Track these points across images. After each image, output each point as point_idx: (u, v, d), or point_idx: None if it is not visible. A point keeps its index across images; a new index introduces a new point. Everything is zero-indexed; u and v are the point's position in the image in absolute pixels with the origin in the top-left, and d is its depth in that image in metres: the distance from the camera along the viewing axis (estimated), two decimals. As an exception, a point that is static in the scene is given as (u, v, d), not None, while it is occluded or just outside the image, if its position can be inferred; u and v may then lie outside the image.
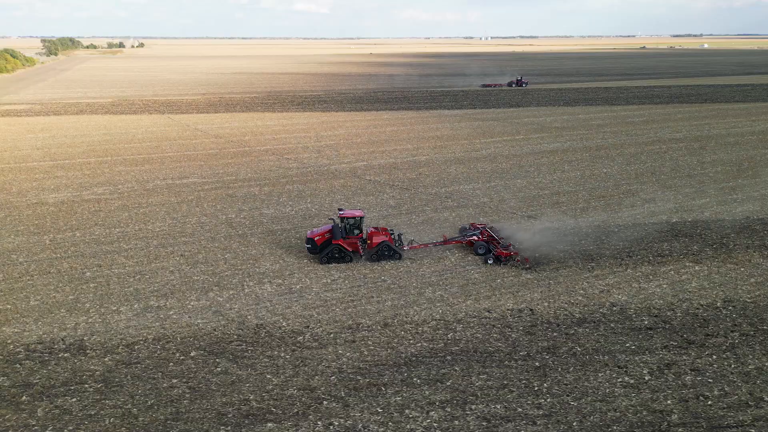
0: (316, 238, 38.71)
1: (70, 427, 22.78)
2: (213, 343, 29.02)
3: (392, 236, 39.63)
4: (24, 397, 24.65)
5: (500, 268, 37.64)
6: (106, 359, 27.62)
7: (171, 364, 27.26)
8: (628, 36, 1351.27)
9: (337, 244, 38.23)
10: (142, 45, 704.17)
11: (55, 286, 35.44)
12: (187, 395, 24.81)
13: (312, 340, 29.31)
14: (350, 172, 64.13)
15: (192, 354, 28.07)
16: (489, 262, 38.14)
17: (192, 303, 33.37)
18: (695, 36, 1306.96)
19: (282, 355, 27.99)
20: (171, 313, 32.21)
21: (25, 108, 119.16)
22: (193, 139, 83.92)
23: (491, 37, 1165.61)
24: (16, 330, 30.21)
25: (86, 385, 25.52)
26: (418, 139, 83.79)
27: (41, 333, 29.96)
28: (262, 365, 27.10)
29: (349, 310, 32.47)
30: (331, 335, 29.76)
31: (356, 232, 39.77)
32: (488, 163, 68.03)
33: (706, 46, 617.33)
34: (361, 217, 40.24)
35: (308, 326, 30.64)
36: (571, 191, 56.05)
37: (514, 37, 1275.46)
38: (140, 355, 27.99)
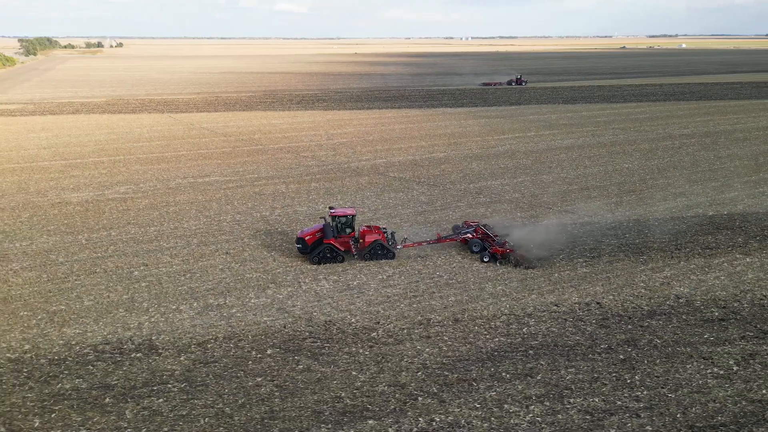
0: (306, 238, 37.55)
1: (165, 429, 22.07)
2: (287, 341, 28.38)
3: (385, 235, 38.56)
4: (107, 399, 23.85)
5: (556, 264, 37.39)
6: (181, 358, 26.85)
7: (250, 362, 26.58)
8: (606, 36, 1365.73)
9: (329, 244, 37.14)
10: (120, 45, 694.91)
11: (105, 285, 34.49)
12: (277, 393, 24.18)
13: (386, 336, 28.80)
14: (372, 169, 63.61)
15: (269, 352, 27.42)
16: (485, 260, 37.38)
17: (252, 301, 32.67)
18: (671, 36, 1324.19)
19: (361, 351, 27.45)
20: (234, 311, 31.48)
21: (18, 108, 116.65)
22: (202, 137, 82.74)
23: (472, 38, 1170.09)
24: (77, 331, 29.30)
25: (169, 385, 24.77)
26: (430, 136, 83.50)
27: (105, 333, 29.08)
28: (343, 362, 26.53)
29: (414, 305, 32.00)
30: (404, 331, 29.27)
31: (348, 230, 38.66)
32: (508, 160, 67.93)
33: (684, 46, 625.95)
34: (353, 216, 39.06)
35: (378, 322, 30.10)
36: (600, 186, 56.12)
37: (493, 38, 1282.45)
38: (215, 353, 27.26)
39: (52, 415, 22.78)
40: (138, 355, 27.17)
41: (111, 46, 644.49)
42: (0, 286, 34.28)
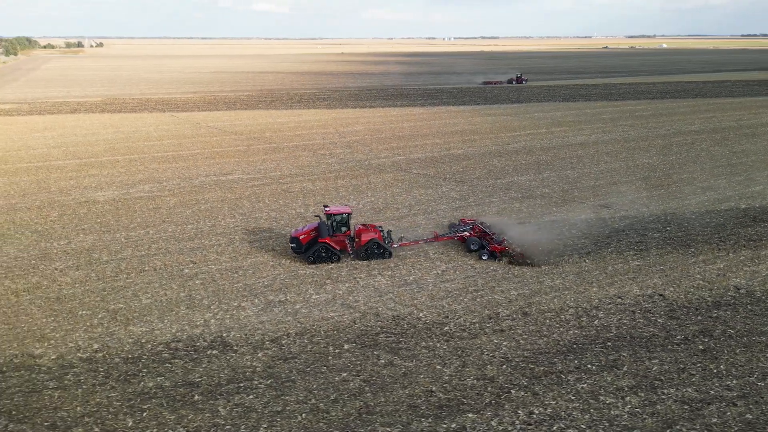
0: (301, 237, 36.32)
1: (264, 425, 21.67)
2: (360, 336, 28.07)
3: (381, 233, 37.70)
4: (196, 396, 23.38)
5: (608, 256, 37.45)
6: (259, 355, 26.44)
7: (330, 357, 26.24)
8: (585, 37, 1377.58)
9: (324, 243, 36.09)
10: (101, 45, 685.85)
11: (159, 283, 33.88)
12: (366, 389, 23.88)
13: (459, 330, 28.61)
14: (393, 166, 63.36)
15: (345, 347, 27.10)
16: (483, 257, 36.74)
17: (313, 297, 32.30)
18: (649, 37, 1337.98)
19: (438, 345, 27.23)
20: (298, 307, 31.10)
21: (14, 107, 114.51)
22: (213, 136, 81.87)
23: (454, 38, 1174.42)
24: (144, 329, 28.73)
25: (255, 382, 24.35)
26: (442, 134, 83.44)
27: (174, 331, 28.55)
28: (424, 356, 26.30)
29: (478, 300, 31.85)
30: (476, 325, 29.10)
31: (344, 229, 37.67)
32: (527, 156, 68.09)
33: (664, 46, 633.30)
34: (349, 214, 38.00)
35: (447, 317, 29.91)
36: (627, 181, 56.44)
37: (475, 38, 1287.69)
38: (292, 349, 26.87)
39: (144, 414, 22.25)
40: (213, 352, 26.69)
41: (91, 46, 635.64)
42: (49, 285, 33.50)
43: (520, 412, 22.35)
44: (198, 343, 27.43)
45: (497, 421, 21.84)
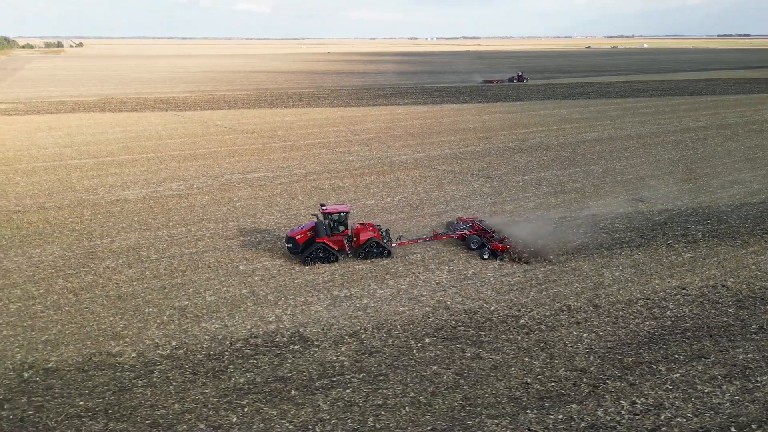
0: (297, 237, 35.32)
1: (370, 419, 21.47)
2: (438, 330, 27.95)
3: (380, 232, 36.89)
4: (292, 392, 23.09)
5: (658, 248, 37.69)
6: (342, 349, 26.20)
7: (415, 351, 26.09)
8: (565, 37, 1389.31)
9: (322, 243, 35.15)
10: (81, 45, 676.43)
11: (218, 280, 33.45)
12: (462, 381, 23.77)
13: (535, 323, 28.59)
14: (416, 163, 63.27)
15: (427, 341, 26.95)
16: (485, 256, 36.01)
17: (378, 291, 32.10)
18: (627, 37, 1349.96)
19: (519, 338, 27.18)
20: (365, 301, 30.87)
21: (9, 107, 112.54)
22: (225, 135, 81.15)
23: (437, 38, 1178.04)
24: (217, 326, 28.34)
25: (347, 376, 24.13)
26: (455, 131, 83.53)
27: (248, 327, 28.22)
28: (509, 349, 26.23)
29: (544, 293, 31.88)
30: (550, 318, 29.10)
31: (341, 228, 36.57)
32: (547, 152, 68.39)
33: (645, 45, 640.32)
34: (347, 212, 36.98)
35: (519, 310, 29.84)
36: (653, 176, 56.91)
37: (457, 38, 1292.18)
38: (373, 344, 26.65)
39: (245, 410, 21.93)
40: (295, 347, 26.40)
41: (71, 46, 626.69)
42: (106, 284, 32.92)
43: (623, 402, 22.34)
44: (277, 339, 27.09)
45: (602, 411, 21.81)
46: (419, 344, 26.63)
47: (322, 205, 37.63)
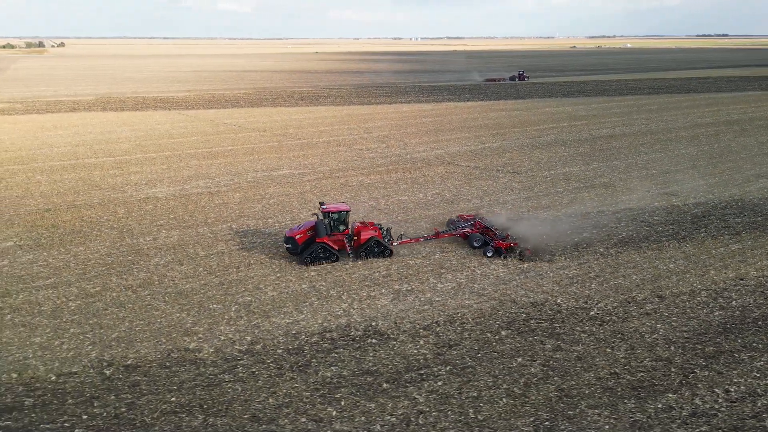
0: (297, 237, 34.32)
1: (470, 411, 21.36)
2: (511, 323, 27.90)
3: (381, 231, 36.11)
4: (384, 385, 22.92)
5: (704, 240, 37.95)
6: (420, 342, 26.08)
7: (494, 344, 26.03)
8: (548, 37, 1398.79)
9: (322, 243, 34.23)
10: (62, 45, 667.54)
11: (275, 276, 33.19)
12: (550, 373, 23.75)
13: (606, 314, 28.65)
14: (438, 159, 63.25)
15: (503, 333, 26.87)
16: (488, 254, 35.35)
17: (439, 285, 32.03)
18: (608, 37, 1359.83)
19: (594, 330, 27.21)
20: (429, 295, 30.77)
21: (6, 106, 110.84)
22: (237, 133, 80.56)
23: (421, 38, 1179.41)
24: (287, 321, 28.11)
25: (434, 369, 24.02)
26: (466, 128, 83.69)
27: (319, 321, 28.01)
28: (588, 340, 26.24)
29: (605, 285, 31.99)
30: (619, 309, 29.19)
31: (342, 227, 35.70)
32: (566, 148, 68.73)
33: (629, 45, 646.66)
34: (348, 211, 36.17)
35: (586, 302, 29.88)
36: (677, 170, 57.45)
37: (441, 38, 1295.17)
38: (450, 337, 26.54)
39: (342, 403, 21.72)
40: (372, 341, 26.22)
41: (53, 46, 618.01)
42: (161, 281, 32.48)
43: (716, 390, 22.43)
44: (352, 333, 26.88)
45: (699, 399, 21.87)
46: (496, 337, 26.53)
47: (321, 204, 36.49)
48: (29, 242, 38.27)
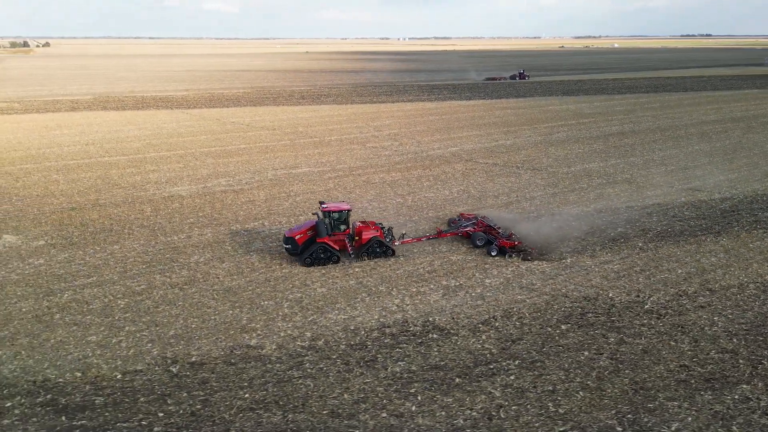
0: (296, 237, 33.24)
1: (549, 404, 21.33)
2: (567, 316, 27.86)
3: (382, 230, 35.35)
4: (456, 380, 22.84)
5: (739, 234, 38.14)
6: (482, 337, 25.99)
7: (557, 338, 25.92)
8: (535, 37, 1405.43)
9: (323, 243, 33.32)
10: (47, 44, 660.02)
11: (319, 272, 32.98)
12: (620, 366, 23.71)
13: (661, 308, 28.66)
14: (455, 157, 63.20)
15: (563, 328, 26.78)
16: (493, 254, 34.73)
17: (486, 281, 31.94)
18: (594, 37, 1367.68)
19: (653, 323, 27.21)
20: (479, 291, 30.70)
21: (4, 106, 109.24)
22: (247, 132, 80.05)
23: (409, 38, 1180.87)
24: (343, 316, 27.91)
25: (503, 363, 24.05)
26: (476, 126, 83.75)
27: (375, 317, 27.85)
28: (649, 334, 26.22)
29: (652, 278, 32.07)
30: (673, 302, 29.22)
31: (343, 227, 34.80)
32: (580, 145, 68.98)
33: (616, 45, 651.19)
34: (349, 211, 35.20)
35: (638, 296, 29.90)
36: (694, 166, 57.82)
37: (429, 38, 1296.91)
38: (510, 331, 26.43)
39: (419, 398, 21.53)
40: (433, 336, 26.04)
41: (38, 46, 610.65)
42: (206, 278, 32.12)
43: (788, 381, 22.42)
44: (411, 328, 26.69)
45: (774, 391, 21.86)
46: (557, 331, 26.44)
47: (321, 203, 35.64)
48: (61, 241, 37.67)
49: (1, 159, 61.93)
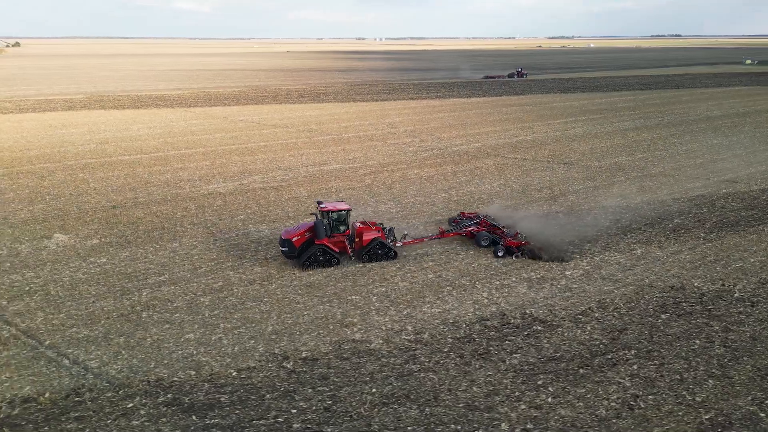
0: (293, 239, 31.54)
1: (685, 393, 21.10)
2: (662, 306, 27.89)
3: (383, 231, 33.91)
4: (581, 371, 22.50)
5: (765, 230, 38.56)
6: (587, 328, 25.95)
7: (662, 327, 25.98)
8: (509, 38, 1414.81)
9: (321, 245, 31.73)
10: (18, 44, 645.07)
11: (394, 266, 32.67)
12: (736, 353, 23.73)
13: (751, 295, 28.95)
14: (480, 152, 63.11)
15: (663, 317, 26.76)
16: (499, 254, 33.39)
17: (567, 272, 31.86)
18: (567, 38, 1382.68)
19: (749, 311, 27.32)
20: (563, 282, 30.67)
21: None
22: (262, 129, 79.06)
23: (385, 38, 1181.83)
24: (436, 310, 27.81)
25: (619, 353, 23.96)
26: (490, 122, 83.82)
27: (470, 309, 27.61)
28: (750, 321, 26.28)
29: (729, 267, 32.51)
30: (761, 290, 29.47)
31: (342, 228, 33.20)
32: (600, 140, 69.43)
33: (592, 45, 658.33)
34: (348, 211, 33.56)
35: (724, 284, 30.08)
36: (721, 159, 58.63)
37: (405, 38, 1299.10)
38: (612, 321, 26.42)
39: (549, 389, 21.29)
40: (537, 328, 25.78)
41: (8, 46, 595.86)
42: (280, 274, 31.51)
43: None
44: (512, 321, 26.39)
45: None
46: (659, 320, 26.35)
47: (319, 202, 34.19)
48: (117, 239, 36.64)
49: (19, 158, 60.20)
